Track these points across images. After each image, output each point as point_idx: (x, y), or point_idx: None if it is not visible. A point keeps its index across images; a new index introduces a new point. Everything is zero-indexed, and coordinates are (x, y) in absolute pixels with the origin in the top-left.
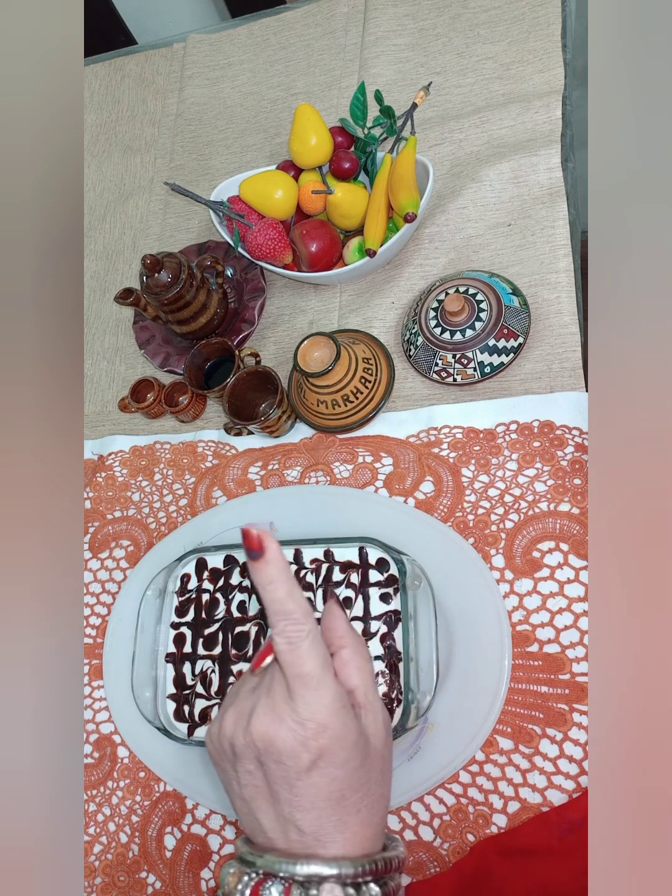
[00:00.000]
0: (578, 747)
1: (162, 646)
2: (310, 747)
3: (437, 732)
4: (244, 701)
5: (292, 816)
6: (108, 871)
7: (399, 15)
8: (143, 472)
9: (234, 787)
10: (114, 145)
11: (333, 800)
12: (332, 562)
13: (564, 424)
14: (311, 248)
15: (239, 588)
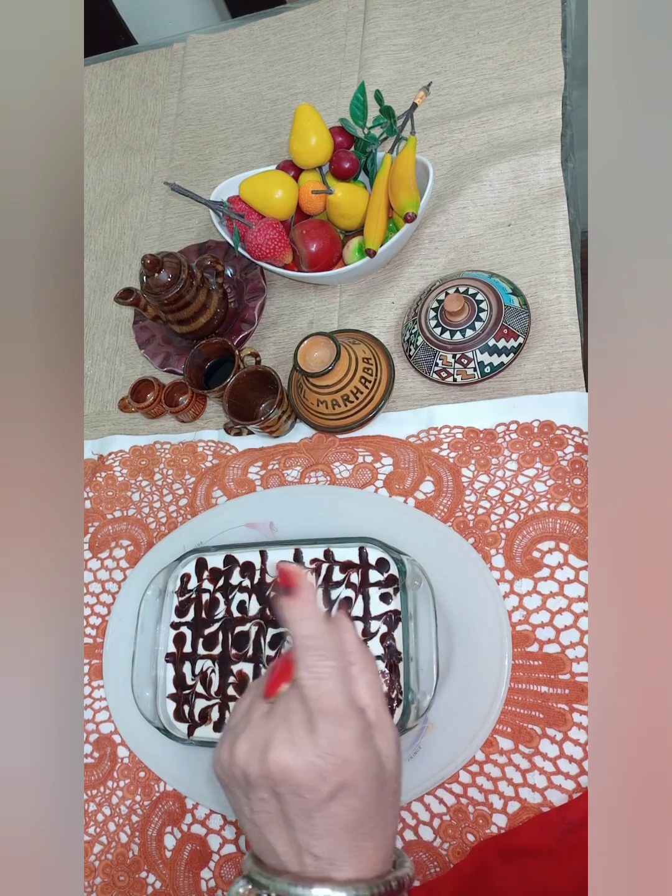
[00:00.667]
0: (578, 747)
1: (162, 646)
2: (330, 781)
3: (437, 732)
4: (258, 729)
5: (307, 843)
6: (108, 871)
7: (399, 15)
8: (143, 472)
9: (245, 811)
10: (114, 145)
11: (350, 828)
12: (332, 562)
13: (564, 424)
14: (311, 248)
15: (239, 588)
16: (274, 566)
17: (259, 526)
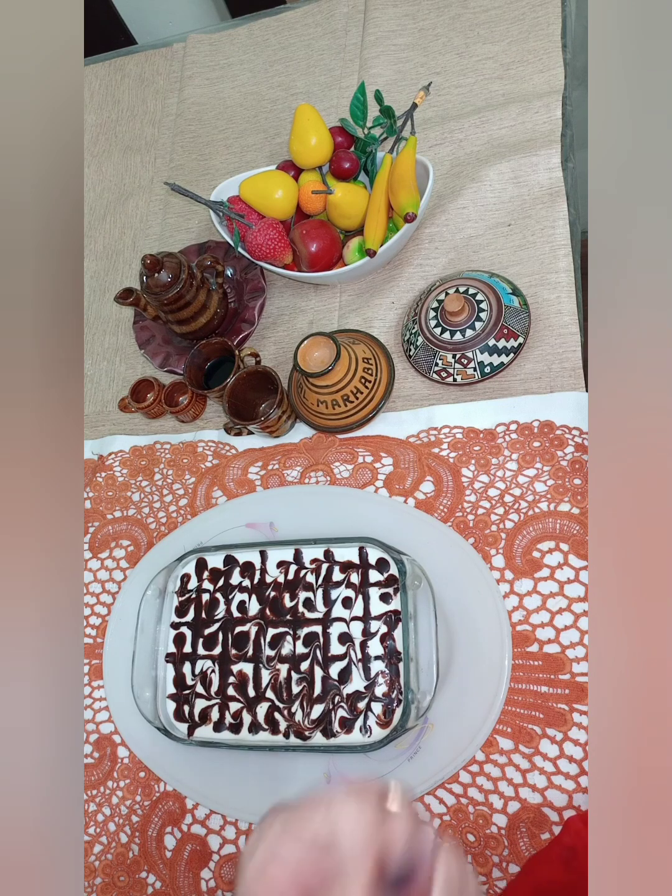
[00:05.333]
0: (578, 747)
1: (162, 646)
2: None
3: (437, 732)
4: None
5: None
6: (108, 871)
7: (399, 15)
8: (143, 472)
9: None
10: (114, 145)
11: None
12: (332, 562)
13: (564, 424)
14: (311, 248)
15: (239, 588)
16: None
17: (259, 526)
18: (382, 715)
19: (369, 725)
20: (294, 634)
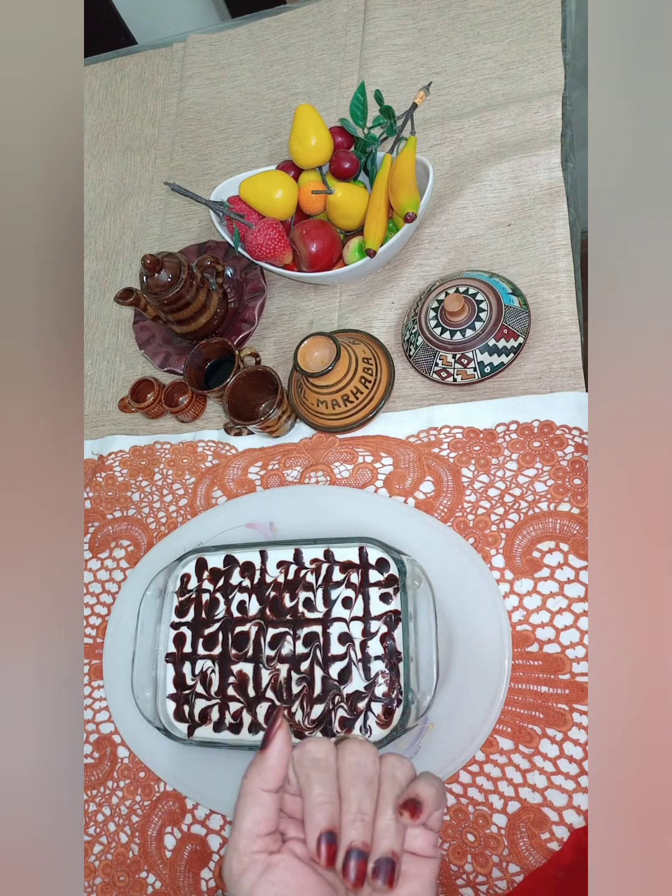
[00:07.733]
0: (578, 747)
1: (162, 646)
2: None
3: (437, 732)
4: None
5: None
6: (108, 871)
7: (399, 15)
8: (143, 472)
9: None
10: (114, 145)
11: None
12: (332, 562)
13: (564, 424)
14: (311, 248)
15: (239, 588)
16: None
17: (259, 526)
18: (382, 715)
19: (369, 725)
20: (294, 634)
